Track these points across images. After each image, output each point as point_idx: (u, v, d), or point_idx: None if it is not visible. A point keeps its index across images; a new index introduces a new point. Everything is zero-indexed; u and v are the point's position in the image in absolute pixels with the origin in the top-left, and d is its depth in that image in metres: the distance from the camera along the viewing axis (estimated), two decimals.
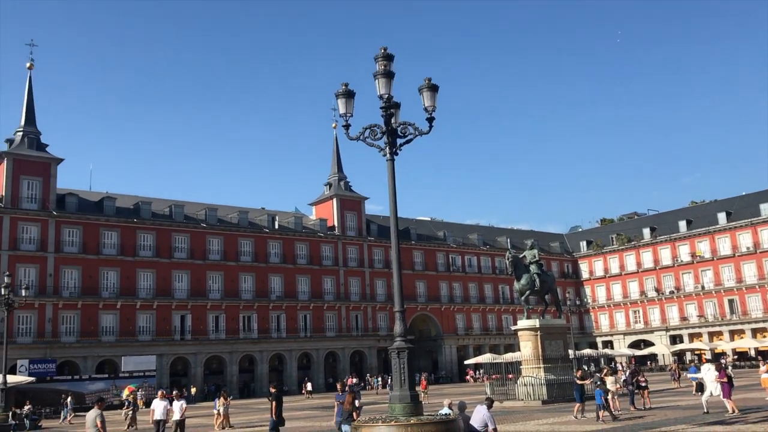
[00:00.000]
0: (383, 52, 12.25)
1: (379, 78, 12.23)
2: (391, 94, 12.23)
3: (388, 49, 12.28)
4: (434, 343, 75.60)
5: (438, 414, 12.40)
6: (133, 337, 55.60)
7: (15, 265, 50.67)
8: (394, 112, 12.30)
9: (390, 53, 12.28)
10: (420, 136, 12.37)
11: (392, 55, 12.31)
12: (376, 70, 12.25)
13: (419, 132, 12.36)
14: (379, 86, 12.22)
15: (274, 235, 65.69)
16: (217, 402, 27.02)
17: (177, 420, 20.35)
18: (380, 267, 72.02)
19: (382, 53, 12.25)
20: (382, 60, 12.22)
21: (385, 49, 12.28)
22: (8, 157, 53.41)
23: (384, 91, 12.17)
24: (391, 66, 12.30)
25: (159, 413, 20.34)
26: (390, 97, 12.18)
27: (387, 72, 12.21)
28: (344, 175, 73.84)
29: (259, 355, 62.19)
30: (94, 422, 13.38)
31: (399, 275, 12.10)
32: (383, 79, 12.20)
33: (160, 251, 58.35)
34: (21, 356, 48.75)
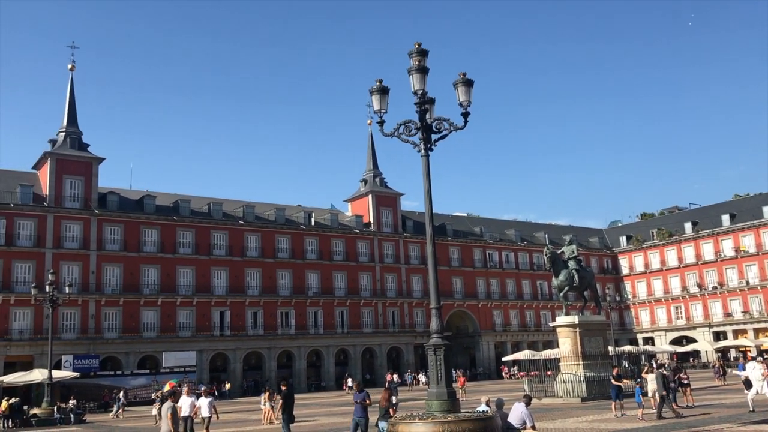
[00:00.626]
0: (417, 47, 12.17)
1: (414, 74, 12.15)
2: (426, 89, 12.15)
3: (422, 44, 12.21)
4: (471, 339, 75.28)
5: (475, 411, 12.30)
6: (173, 333, 56.48)
7: (59, 262, 51.85)
8: (428, 108, 12.23)
9: (424, 48, 12.20)
10: (455, 132, 12.27)
11: (426, 50, 12.23)
12: (411, 66, 12.19)
13: (454, 127, 12.25)
14: (413, 82, 12.15)
15: (311, 232, 66.08)
16: (263, 398, 27.27)
17: (205, 417, 19.99)
18: (416, 263, 71.92)
19: (416, 49, 12.17)
20: (417, 55, 12.15)
21: (420, 45, 12.20)
22: (51, 157, 54.65)
23: (418, 86, 12.09)
24: (426, 61, 12.22)
25: (186, 410, 19.84)
26: (424, 92, 12.11)
27: (421, 67, 12.13)
28: (379, 171, 73.92)
29: (297, 350, 62.66)
30: (167, 413, 14.59)
31: (435, 271, 12.03)
32: (417, 75, 12.12)
33: (199, 248, 59.15)
34: (65, 352, 49.98)
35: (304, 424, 25.93)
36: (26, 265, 51.35)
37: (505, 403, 14.28)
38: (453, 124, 12.25)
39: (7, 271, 50.43)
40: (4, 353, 49.41)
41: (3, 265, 50.39)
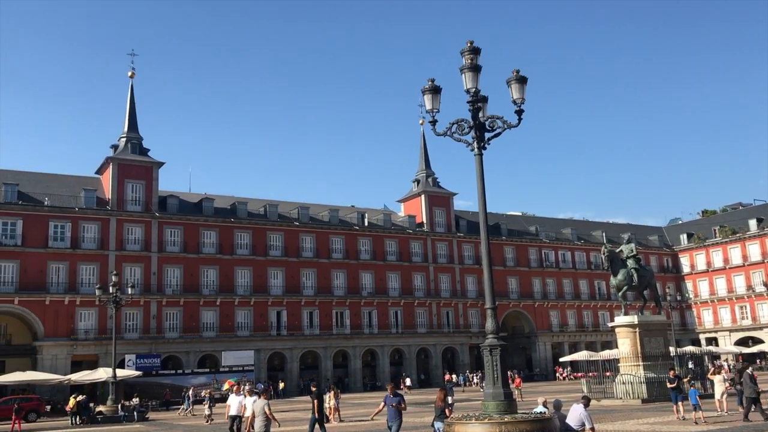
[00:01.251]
0: (470, 45, 12.12)
1: (466, 72, 12.11)
2: (478, 87, 12.09)
3: (474, 42, 12.15)
4: (528, 340, 74.42)
5: (533, 412, 12.17)
6: (232, 332, 57.54)
7: (121, 264, 53.44)
8: (481, 106, 12.16)
9: (476, 47, 12.14)
10: (509, 130, 12.16)
11: (479, 48, 12.17)
12: (463, 64, 12.14)
13: (508, 125, 12.15)
14: (465, 80, 12.10)
15: (364, 233, 66.41)
16: (328, 396, 27.55)
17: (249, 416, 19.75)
18: (470, 263, 71.50)
19: (468, 47, 12.12)
20: (469, 54, 12.10)
21: (472, 43, 12.15)
22: (113, 162, 56.36)
23: (471, 85, 12.04)
24: (478, 59, 12.16)
25: (234, 409, 19.82)
26: (477, 90, 12.05)
27: (474, 66, 12.07)
28: (432, 171, 73.77)
29: (352, 350, 63.07)
30: (262, 410, 15.34)
31: (490, 271, 11.95)
32: (470, 73, 12.07)
33: (256, 249, 60.11)
34: (128, 351, 51.48)
35: (360, 423, 26.09)
36: (91, 267, 53.06)
37: (563, 405, 14.08)
38: (507, 122, 12.15)
39: (72, 273, 52.22)
40: (71, 352, 51.18)
41: (69, 267, 52.20)
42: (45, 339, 50.18)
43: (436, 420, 15.11)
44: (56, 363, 49.90)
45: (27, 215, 51.57)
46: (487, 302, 11.82)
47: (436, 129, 12.44)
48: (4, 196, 51.39)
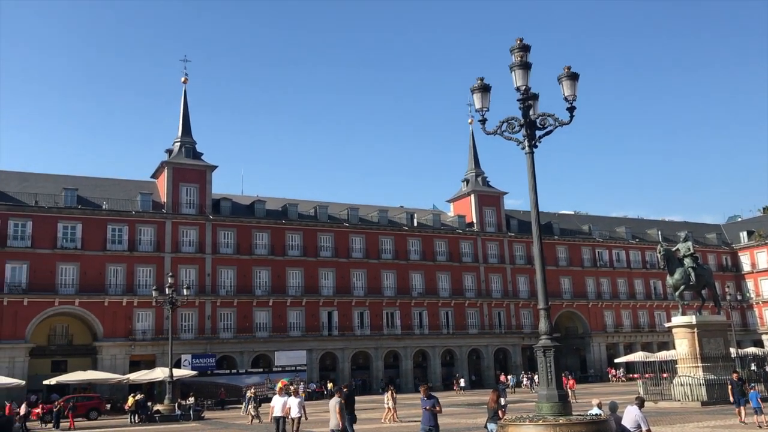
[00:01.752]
0: (519, 43, 12.00)
1: (516, 69, 11.98)
2: (529, 85, 11.95)
3: (524, 39, 12.02)
4: (582, 341, 73.22)
5: (588, 414, 11.96)
6: (284, 332, 58.20)
7: (177, 266, 54.61)
8: (532, 104, 12.01)
9: (526, 44, 12.01)
10: (560, 127, 11.99)
11: (528, 45, 12.03)
12: (513, 62, 12.02)
13: (559, 123, 11.97)
14: (515, 78, 11.98)
15: (414, 233, 66.35)
16: (386, 396, 27.56)
17: (294, 417, 19.50)
18: (522, 263, 70.74)
19: (518, 44, 12.00)
20: (519, 51, 11.97)
21: (521, 40, 12.03)
22: (168, 167, 57.67)
23: (521, 82, 11.91)
24: (528, 57, 12.02)
25: (278, 410, 19.75)
26: (527, 88, 11.91)
27: (524, 63, 11.95)
28: (481, 170, 73.29)
29: (403, 351, 63.07)
30: (334, 407, 15.86)
31: (542, 271, 11.80)
32: (520, 71, 11.95)
33: (306, 250, 60.68)
34: (184, 351, 52.59)
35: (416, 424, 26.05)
36: (147, 269, 54.38)
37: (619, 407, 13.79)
38: (558, 119, 11.97)
39: (130, 275, 53.62)
40: (129, 352, 52.55)
41: (126, 269, 53.61)
42: (104, 339, 51.64)
43: (489, 421, 14.97)
44: (115, 363, 51.31)
45: (86, 219, 53.16)
46: (540, 303, 11.67)
47: (486, 128, 12.34)
48: (64, 200, 53.09)
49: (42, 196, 52.65)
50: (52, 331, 53.22)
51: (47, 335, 52.78)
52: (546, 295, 11.65)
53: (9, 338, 48.59)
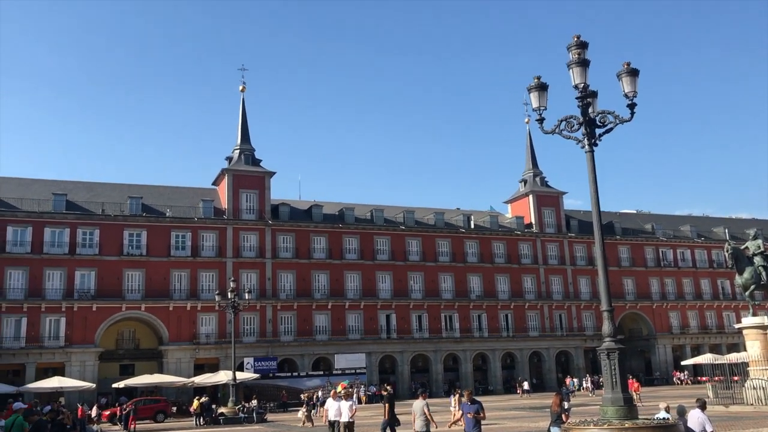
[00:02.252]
0: (576, 40, 11.81)
1: (574, 67, 11.79)
2: (587, 82, 11.75)
3: (581, 36, 11.82)
4: (646, 342, 71.39)
5: (655, 418, 11.66)
6: (343, 335, 58.63)
7: (238, 271, 55.66)
8: (591, 102, 11.81)
9: (584, 41, 11.82)
10: (621, 125, 11.74)
11: (586, 42, 11.84)
12: (570, 60, 11.83)
13: (620, 120, 11.73)
14: (573, 76, 11.79)
15: (471, 235, 65.91)
16: (453, 399, 27.42)
17: (345, 422, 19.17)
18: (583, 264, 69.48)
19: (575, 41, 11.81)
20: (576, 48, 11.78)
21: (579, 37, 11.84)
22: (228, 174, 58.91)
23: (579, 80, 11.72)
24: (586, 54, 11.82)
25: (332, 414, 19.57)
26: (586, 86, 11.71)
27: (582, 60, 11.75)
28: (539, 170, 72.36)
29: (462, 354, 62.70)
30: (422, 410, 15.70)
31: (605, 272, 11.57)
32: (578, 68, 11.75)
33: (364, 254, 61.01)
34: (247, 354, 53.52)
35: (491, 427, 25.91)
36: (210, 274, 55.60)
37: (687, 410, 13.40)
38: (618, 116, 11.72)
39: (193, 280, 54.92)
40: (193, 356, 53.81)
41: (190, 274, 54.93)
42: (169, 343, 53.01)
43: (552, 425, 14.76)
44: (180, 366, 52.60)
45: (151, 226, 54.72)
46: (603, 304, 11.44)
47: (544, 127, 12.20)
48: (129, 209, 54.80)
49: (108, 205, 54.46)
50: (119, 335, 54.96)
51: (115, 340, 54.54)
52: (609, 297, 11.41)
53: (80, 343, 50.41)
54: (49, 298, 50.42)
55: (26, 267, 50.59)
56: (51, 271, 51.18)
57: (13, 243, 50.59)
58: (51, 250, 51.38)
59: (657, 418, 11.86)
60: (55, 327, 50.34)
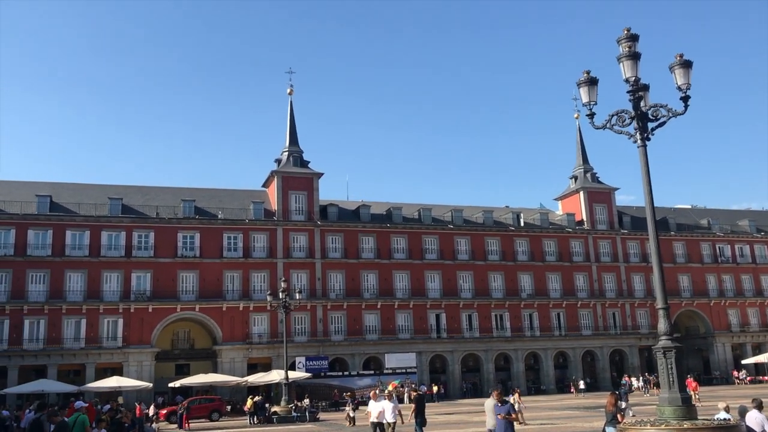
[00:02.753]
0: (627, 33, 11.58)
1: (624, 60, 11.55)
2: (638, 76, 11.50)
3: (631, 29, 11.59)
4: (704, 341, 69.47)
5: (715, 418, 11.34)
6: (393, 335, 58.71)
7: (289, 271, 56.29)
8: (642, 95, 11.56)
9: (634, 33, 11.57)
10: (674, 118, 11.46)
11: (637, 35, 11.59)
12: (620, 53, 11.60)
13: (673, 113, 11.44)
14: (624, 69, 11.55)
15: (521, 233, 65.22)
16: (512, 399, 27.29)
17: (389, 422, 18.64)
18: (636, 261, 68.05)
19: (625, 34, 11.58)
20: (626, 41, 11.55)
21: (629, 30, 11.60)
22: (278, 176, 59.64)
23: (630, 73, 11.48)
24: (636, 47, 11.57)
25: (375, 415, 19.14)
26: (637, 79, 11.46)
27: (632, 53, 11.50)
28: (590, 166, 71.15)
29: (514, 353, 62.09)
30: (493, 409, 15.07)
31: (660, 269, 11.31)
32: (629, 62, 11.51)
33: (412, 253, 60.97)
34: (298, 354, 54.07)
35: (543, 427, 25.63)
36: (261, 275, 56.38)
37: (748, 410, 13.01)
38: (672, 110, 11.44)
39: (245, 281, 55.77)
40: (246, 355, 54.64)
41: (242, 275, 55.80)
42: (223, 343, 53.94)
43: (607, 425, 14.51)
44: (234, 365, 53.48)
45: (203, 228, 55.79)
46: (659, 302, 11.18)
47: (594, 122, 12.00)
48: (182, 211, 55.96)
49: (162, 208, 55.74)
50: (175, 335, 56.18)
51: (171, 340, 55.77)
52: (664, 294, 11.15)
53: (137, 343, 51.72)
54: (106, 300, 51.89)
55: (85, 270, 52.15)
56: (108, 273, 52.64)
57: (72, 247, 52.21)
58: (108, 253, 52.84)
59: (717, 418, 11.54)
60: (113, 328, 51.77)
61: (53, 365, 49.66)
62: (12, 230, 51.15)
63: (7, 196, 53.21)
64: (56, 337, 50.21)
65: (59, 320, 50.61)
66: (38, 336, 49.94)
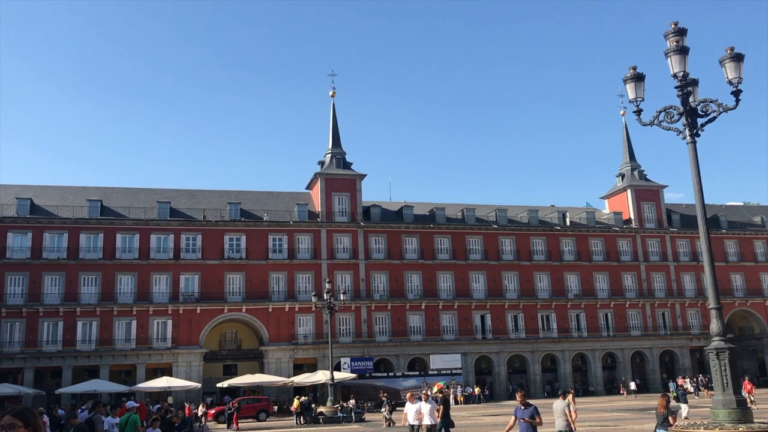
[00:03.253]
0: (674, 27, 11.31)
1: (672, 55, 11.29)
2: (687, 70, 11.23)
3: (679, 23, 11.32)
4: (759, 342, 67.47)
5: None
6: (438, 336, 58.53)
7: (333, 272, 56.62)
8: (691, 90, 11.29)
9: (682, 27, 11.30)
10: (725, 113, 11.16)
11: (685, 29, 11.31)
12: (668, 48, 11.34)
13: (723, 108, 11.14)
14: (672, 64, 11.29)
15: (566, 232, 64.35)
16: (567, 400, 26.88)
17: (428, 424, 18.10)
18: (686, 260, 66.50)
19: (672, 29, 11.32)
20: (674, 35, 11.29)
21: (676, 24, 11.33)
22: (321, 177, 60.07)
23: (679, 68, 11.21)
24: (684, 41, 11.30)
25: (411, 417, 18.71)
26: (686, 74, 11.19)
27: (680, 48, 11.24)
28: (637, 163, 69.83)
29: (561, 354, 61.29)
30: (562, 410, 15.44)
31: (712, 268, 11.02)
32: (677, 56, 11.24)
33: (456, 253, 60.70)
34: (343, 354, 54.33)
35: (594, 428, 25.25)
36: (306, 276, 56.84)
37: None
38: (722, 104, 11.14)
39: (291, 282, 56.30)
40: (292, 356, 55.15)
41: (287, 276, 56.35)
42: (269, 344, 54.54)
43: (658, 428, 14.19)
44: (280, 366, 54.02)
45: (249, 231, 56.52)
46: (711, 302, 10.91)
47: (642, 119, 11.76)
48: (229, 214, 56.79)
49: (209, 211, 56.65)
50: (222, 336, 57.01)
51: (218, 341, 56.62)
52: (717, 294, 10.87)
53: (185, 344, 52.67)
54: (156, 302, 52.96)
55: (135, 272, 53.34)
56: (157, 275, 53.73)
57: (122, 250, 53.45)
58: (157, 256, 53.95)
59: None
60: (163, 329, 52.82)
61: (105, 366, 50.92)
62: (65, 234, 52.62)
63: (60, 201, 54.78)
64: (108, 338, 51.46)
65: (110, 322, 51.86)
66: (91, 337, 51.26)
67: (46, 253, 51.94)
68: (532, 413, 13.42)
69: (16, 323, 50.20)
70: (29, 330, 50.18)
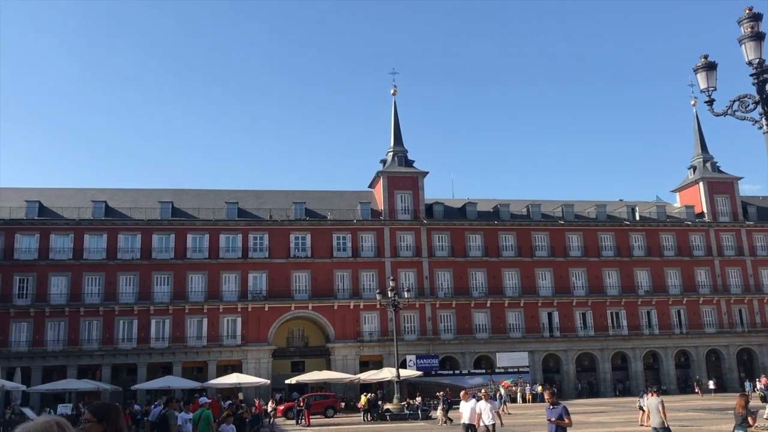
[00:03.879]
0: (748, 12, 10.87)
1: (746, 42, 10.85)
2: (763, 57, 10.78)
3: (754, 8, 10.87)
4: None
5: None
6: (504, 333, 57.94)
7: (397, 270, 56.78)
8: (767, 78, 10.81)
9: (757, 12, 10.84)
10: None
11: (760, 14, 10.85)
12: (742, 34, 10.91)
13: None
14: (746, 51, 10.85)
15: (636, 227, 62.73)
16: (644, 399, 26.42)
17: (487, 425, 17.41)
18: (764, 254, 63.89)
19: (747, 14, 10.88)
20: (748, 21, 10.84)
21: (751, 9, 10.88)
22: (383, 176, 60.31)
23: (754, 55, 10.76)
24: (760, 26, 10.84)
25: (466, 416, 18.38)
26: (762, 61, 10.74)
27: (756, 34, 10.79)
28: (710, 155, 67.43)
29: (632, 352, 59.79)
30: (656, 407, 16.31)
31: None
32: (752, 43, 10.79)
33: (521, 250, 59.97)
34: (408, 352, 54.45)
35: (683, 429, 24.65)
36: (370, 274, 57.20)
37: None
38: None
39: (355, 280, 56.76)
40: (358, 353, 55.61)
41: (351, 274, 56.84)
42: (336, 341, 55.15)
43: (736, 428, 13.73)
44: (346, 363, 54.54)
45: (314, 229, 57.28)
46: None
47: (714, 109, 11.34)
48: (294, 213, 57.69)
49: (275, 211, 57.68)
50: (290, 333, 57.96)
51: (286, 338, 57.57)
52: None
53: (254, 341, 53.80)
54: (225, 300, 54.27)
55: (205, 271, 54.78)
56: (227, 274, 55.04)
57: (193, 250, 54.97)
58: (226, 255, 55.29)
59: None
60: (232, 326, 54.10)
61: (178, 362, 52.46)
62: (138, 235, 54.48)
63: (133, 204, 56.75)
64: (180, 335, 53.04)
65: (182, 320, 53.43)
66: (164, 335, 52.95)
67: (120, 254, 53.88)
68: (560, 414, 12.87)
69: (93, 322, 52.27)
70: (106, 328, 52.19)
